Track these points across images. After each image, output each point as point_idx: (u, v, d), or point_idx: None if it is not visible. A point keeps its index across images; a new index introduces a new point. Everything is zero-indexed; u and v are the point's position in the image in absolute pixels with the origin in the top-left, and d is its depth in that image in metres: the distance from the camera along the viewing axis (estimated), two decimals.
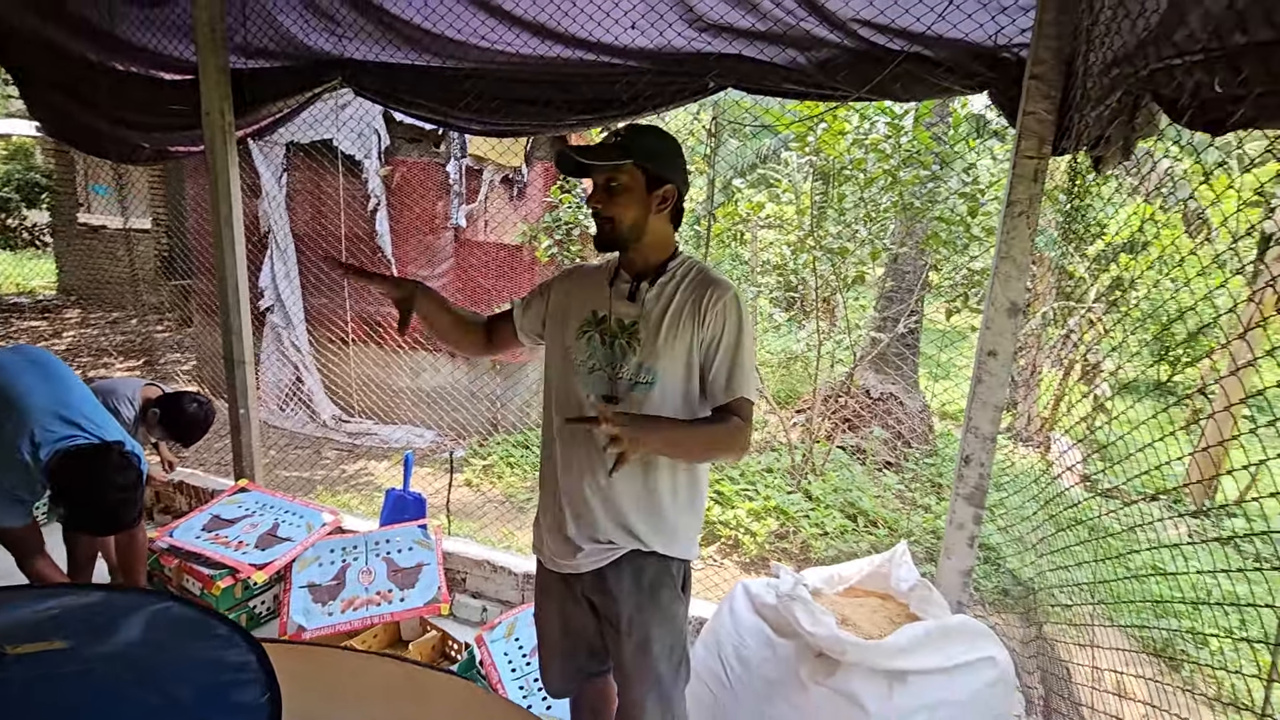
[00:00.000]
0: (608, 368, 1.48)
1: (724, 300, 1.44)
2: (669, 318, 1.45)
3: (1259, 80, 0.90)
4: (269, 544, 2.83)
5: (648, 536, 1.49)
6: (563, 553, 1.54)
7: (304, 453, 5.28)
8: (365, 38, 2.62)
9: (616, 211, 1.44)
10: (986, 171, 4.49)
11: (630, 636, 1.49)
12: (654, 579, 1.50)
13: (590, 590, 1.54)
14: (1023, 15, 1.86)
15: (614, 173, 1.42)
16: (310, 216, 5.83)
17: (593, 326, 1.51)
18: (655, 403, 1.44)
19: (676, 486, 1.50)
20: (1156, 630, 3.35)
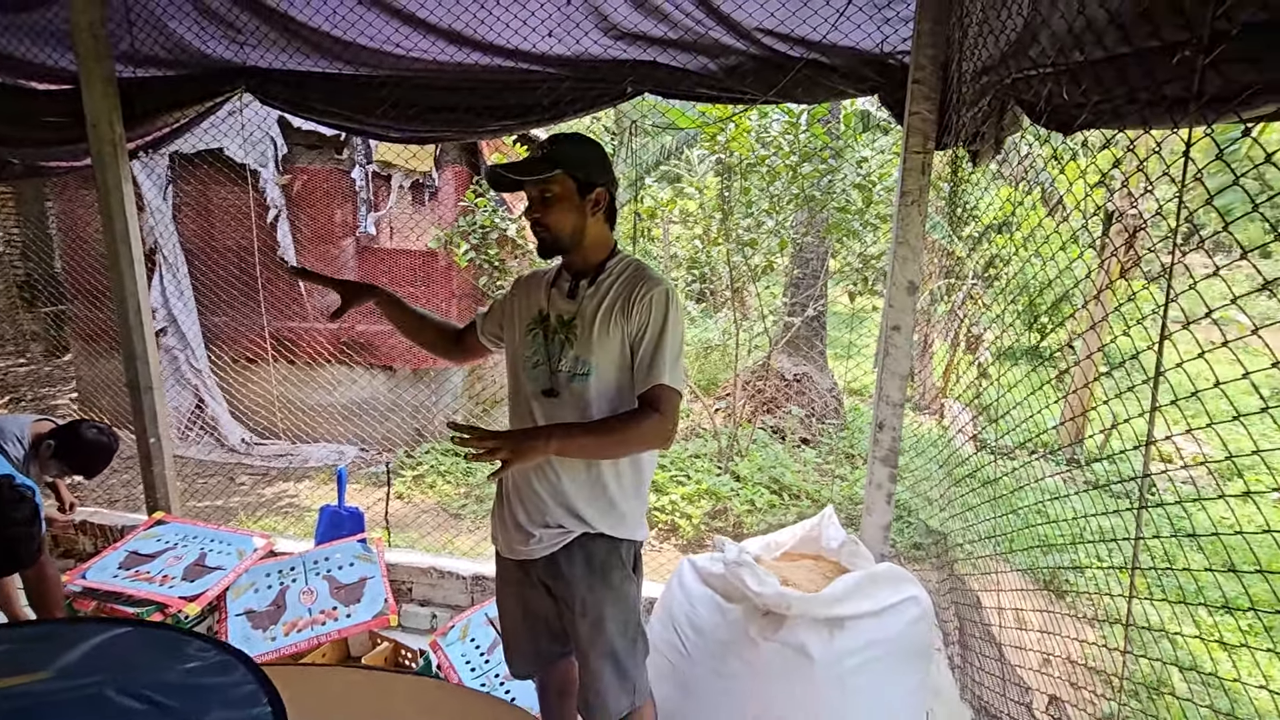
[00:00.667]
0: (548, 362, 1.56)
1: (652, 294, 1.51)
2: (602, 313, 1.53)
3: (1094, 90, 1.11)
4: (198, 574, 2.71)
5: (595, 520, 1.56)
6: (518, 540, 1.61)
7: (215, 481, 4.99)
8: (270, 45, 2.55)
9: (553, 220, 1.51)
10: (876, 164, 4.87)
11: (585, 616, 1.57)
12: (604, 561, 1.58)
13: (545, 575, 1.62)
14: (904, 26, 2.09)
15: (546, 184, 1.49)
16: (202, 230, 5.49)
17: (538, 324, 1.61)
18: (592, 393, 1.52)
19: (620, 473, 1.58)
20: (1044, 566, 3.78)
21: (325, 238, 5.59)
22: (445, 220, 5.60)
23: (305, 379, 5.65)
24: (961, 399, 6.06)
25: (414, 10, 2.35)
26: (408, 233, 5.63)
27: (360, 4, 2.37)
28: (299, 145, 5.41)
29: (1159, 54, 0.95)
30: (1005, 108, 1.55)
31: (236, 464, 5.31)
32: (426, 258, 5.63)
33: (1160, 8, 0.92)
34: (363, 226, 5.55)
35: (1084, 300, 4.57)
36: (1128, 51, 1.02)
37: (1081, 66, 1.14)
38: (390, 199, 5.56)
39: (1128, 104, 1.03)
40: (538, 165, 1.48)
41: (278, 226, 5.44)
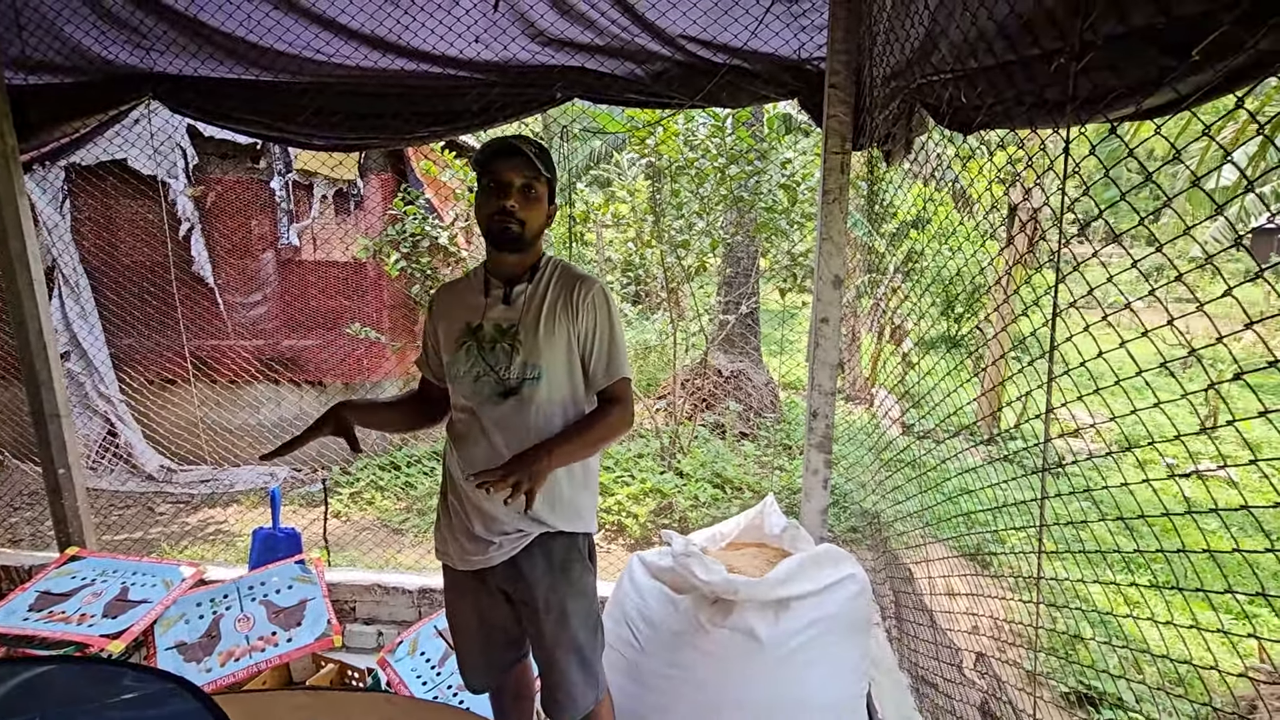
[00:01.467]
0: (493, 372, 1.54)
1: (592, 293, 1.56)
2: (545, 315, 1.54)
3: (988, 94, 1.22)
4: (120, 610, 2.55)
5: (552, 519, 1.58)
6: (474, 550, 1.59)
7: (132, 512, 4.69)
8: (179, 50, 2.44)
9: (530, 215, 1.51)
10: (799, 165, 5.06)
11: (549, 614, 1.57)
12: (564, 556, 1.60)
13: (504, 580, 1.61)
14: (819, 34, 2.21)
15: (537, 179, 1.51)
16: (106, 246, 5.15)
17: (468, 337, 1.58)
18: (544, 394, 1.54)
19: (572, 470, 1.60)
20: (968, 538, 4.03)
21: (244, 251, 5.36)
22: (373, 229, 5.45)
23: (229, 399, 5.39)
24: (887, 386, 6.36)
25: (334, 16, 2.31)
26: (334, 243, 5.46)
27: (276, 9, 2.31)
28: (211, 155, 5.16)
29: (1040, 61, 1.06)
30: (913, 110, 1.67)
31: (155, 493, 5.01)
32: (354, 269, 5.47)
33: (1038, 20, 1.03)
34: (284, 238, 5.35)
35: (988, 287, 4.90)
36: (1014, 59, 1.13)
37: (977, 72, 1.25)
38: (313, 209, 5.37)
39: (1016, 106, 1.14)
40: (537, 159, 1.49)
41: (192, 240, 5.17)
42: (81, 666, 1.25)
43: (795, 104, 2.44)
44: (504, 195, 1.49)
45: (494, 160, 1.50)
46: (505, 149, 1.48)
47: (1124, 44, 0.87)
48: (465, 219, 5.80)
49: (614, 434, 1.59)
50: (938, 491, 2.86)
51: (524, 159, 1.47)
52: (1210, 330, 0.98)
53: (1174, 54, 0.78)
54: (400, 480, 5.07)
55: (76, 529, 2.91)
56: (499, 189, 1.50)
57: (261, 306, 5.43)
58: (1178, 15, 0.79)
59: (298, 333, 5.47)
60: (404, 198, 5.38)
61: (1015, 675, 2.70)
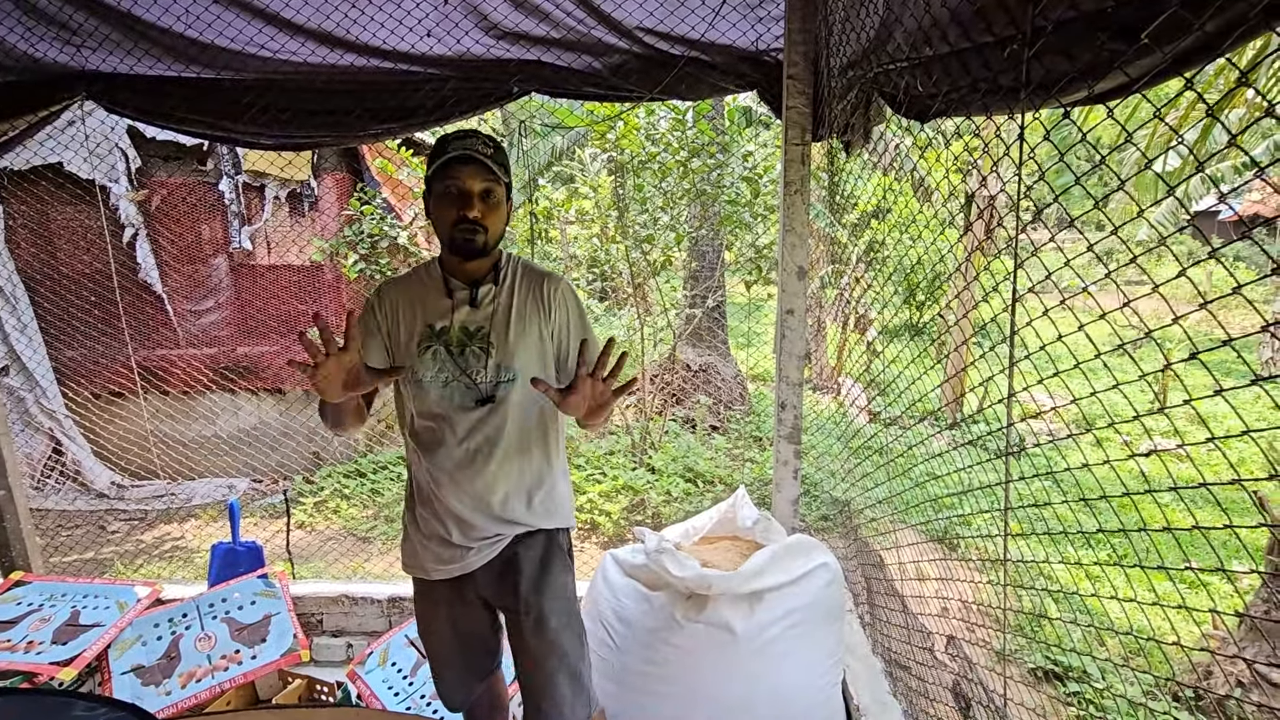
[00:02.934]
0: (464, 376, 1.48)
1: (560, 289, 1.54)
2: (515, 315, 1.50)
3: (944, 82, 1.22)
4: (71, 635, 2.44)
5: (529, 518, 1.55)
6: (450, 558, 1.54)
7: (82, 532, 4.49)
8: (114, 48, 2.32)
9: (492, 221, 1.45)
10: (761, 158, 5.08)
11: (528, 615, 1.53)
12: (544, 553, 1.57)
13: (483, 586, 1.57)
14: (776, 24, 2.20)
15: (495, 184, 1.44)
16: (43, 255, 4.92)
17: (433, 339, 1.50)
18: (518, 396, 1.49)
19: (549, 457, 1.57)
20: (936, 522, 4.11)
21: (193, 256, 5.16)
22: (328, 231, 5.31)
23: (182, 410, 5.20)
24: (854, 375, 6.45)
25: (278, 10, 2.22)
26: (288, 246, 5.30)
27: (216, 3, 2.21)
28: (154, 157, 4.96)
29: (993, 48, 1.06)
30: (870, 100, 1.68)
31: (107, 510, 4.81)
32: (311, 272, 5.33)
33: (990, 6, 1.03)
34: (235, 242, 5.17)
35: (949, 274, 5.00)
36: (968, 46, 1.13)
37: (932, 60, 1.25)
38: (265, 211, 5.21)
39: (971, 93, 1.15)
40: (493, 164, 1.42)
41: (136, 246, 4.97)
42: (28, 697, 1.19)
43: (755, 96, 2.44)
44: (465, 204, 1.42)
45: (449, 165, 1.42)
46: (463, 156, 1.40)
47: (1075, 28, 0.88)
48: (425, 218, 5.69)
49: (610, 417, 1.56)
50: (905, 477, 2.91)
51: (481, 164, 1.41)
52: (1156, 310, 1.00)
53: (1124, 38, 0.79)
54: (366, 488, 4.96)
55: (20, 552, 2.77)
56: (460, 197, 1.42)
57: (214, 313, 5.25)
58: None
59: (253, 339, 5.30)
60: (360, 197, 5.25)
61: (985, 655, 2.76)
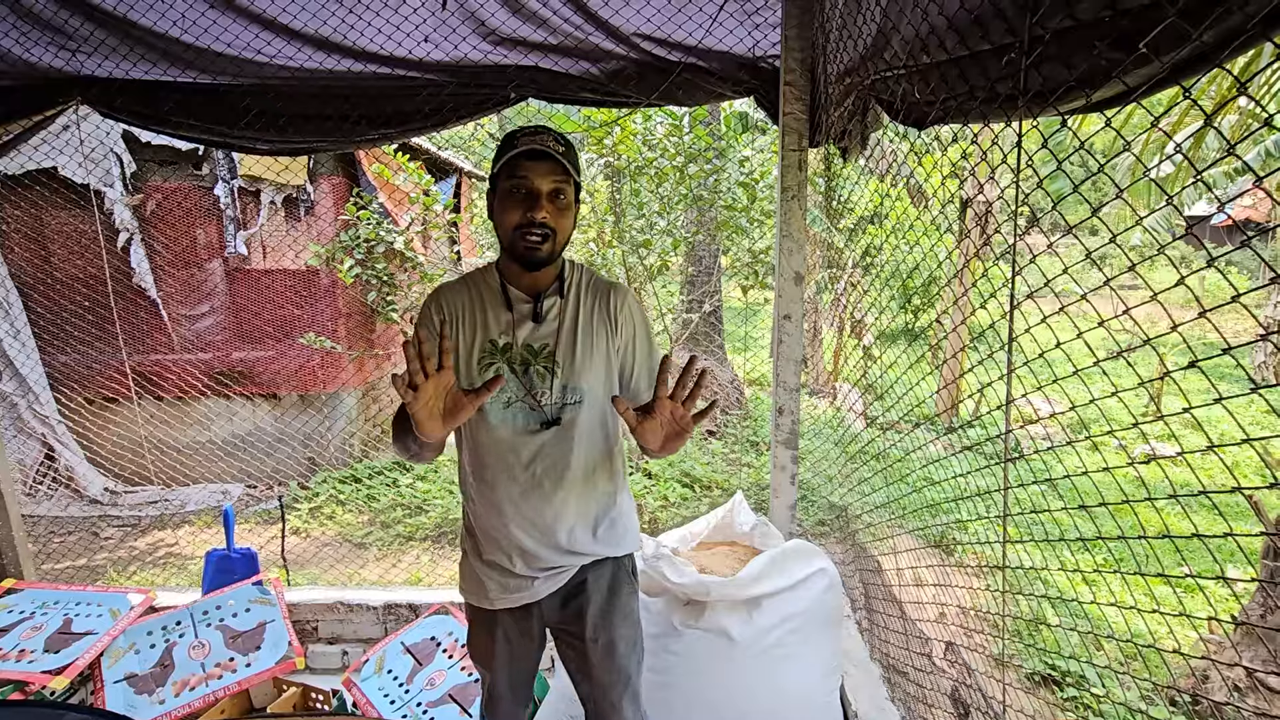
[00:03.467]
0: (528, 397, 1.37)
1: (628, 302, 1.42)
2: (581, 332, 1.38)
3: (941, 89, 1.23)
4: (63, 643, 2.42)
5: (595, 548, 1.45)
6: (516, 587, 1.44)
7: (75, 538, 4.46)
8: (109, 53, 2.32)
9: (562, 224, 1.31)
10: (758, 163, 5.10)
11: (596, 641, 1.46)
12: (612, 580, 1.49)
13: (548, 612, 1.49)
14: (773, 31, 2.21)
15: (565, 184, 1.30)
16: (37, 259, 4.90)
17: (496, 356, 1.38)
18: (585, 419, 1.38)
19: (616, 479, 1.46)
20: (933, 527, 4.11)
21: (188, 261, 5.15)
22: (324, 236, 5.30)
23: (176, 416, 5.17)
24: (850, 380, 6.46)
25: (275, 15, 2.21)
26: (284, 251, 5.29)
27: (213, 8, 2.21)
28: (150, 161, 4.95)
29: (990, 56, 1.07)
30: (867, 107, 1.68)
31: (100, 517, 4.78)
32: (307, 276, 5.31)
33: (988, 15, 1.04)
34: (231, 247, 5.16)
35: (946, 280, 5.02)
36: (965, 54, 1.14)
37: (929, 68, 1.26)
38: (261, 215, 5.20)
39: (969, 100, 1.15)
40: (566, 164, 1.28)
41: (131, 251, 4.95)
42: (19, 709, 1.17)
43: (752, 102, 2.44)
44: (533, 206, 1.28)
45: (519, 162, 1.28)
46: (532, 152, 1.26)
47: (1073, 37, 0.88)
48: (421, 223, 5.69)
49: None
50: (903, 483, 2.91)
51: (554, 161, 1.27)
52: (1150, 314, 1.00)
53: (1122, 47, 0.79)
54: (362, 493, 4.94)
55: (12, 560, 2.75)
56: (527, 196, 1.28)
57: (209, 318, 5.23)
58: (1124, 8, 0.80)
59: (249, 344, 5.29)
60: (356, 202, 5.25)
61: (982, 660, 2.76)
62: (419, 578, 3.61)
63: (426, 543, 4.35)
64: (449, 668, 2.40)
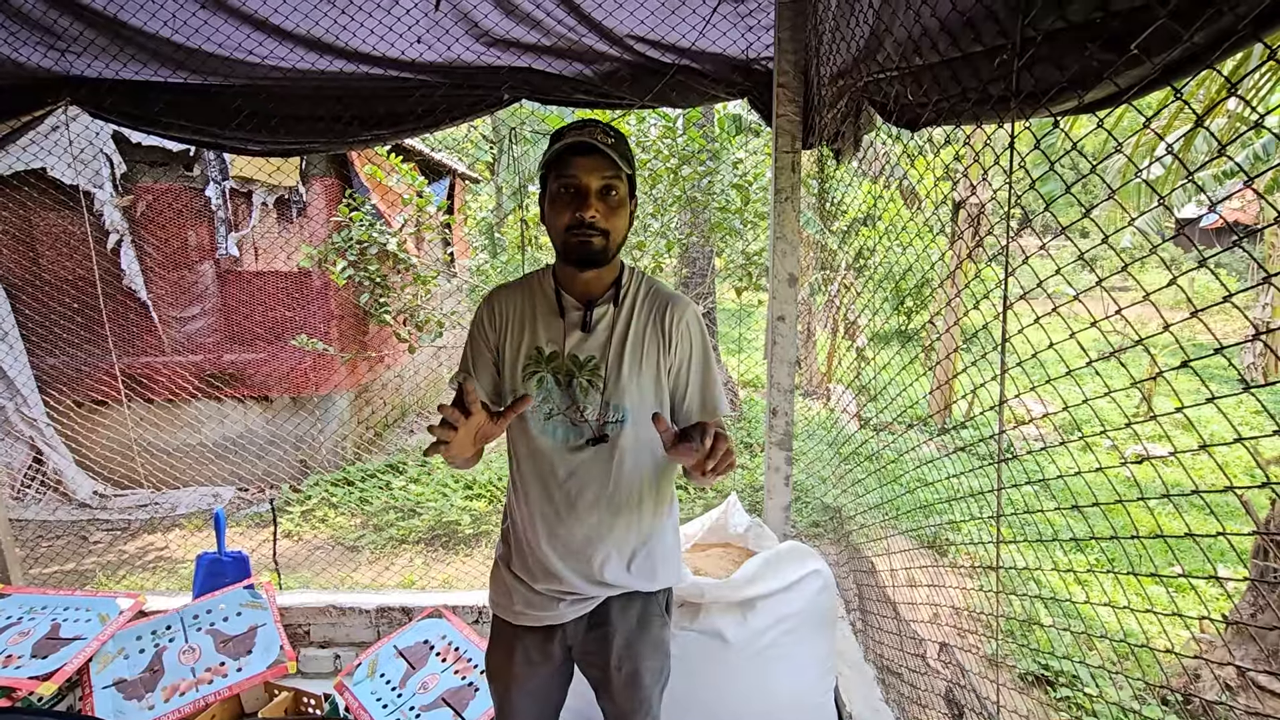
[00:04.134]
0: (570, 411, 1.30)
1: (686, 318, 1.32)
2: (630, 346, 1.30)
3: (934, 91, 1.23)
4: (52, 649, 2.39)
5: (626, 580, 1.37)
6: (541, 605, 1.37)
7: (63, 542, 4.42)
8: (99, 52, 2.30)
9: (615, 224, 1.24)
10: (751, 165, 5.11)
11: (620, 670, 1.39)
12: (642, 613, 1.41)
13: (572, 637, 1.41)
14: (766, 33, 2.21)
15: (616, 179, 1.22)
16: (26, 261, 4.86)
17: (541, 365, 1.31)
18: (628, 440, 1.30)
19: (660, 507, 1.38)
20: (927, 528, 4.12)
21: (178, 262, 5.11)
22: (317, 237, 5.28)
23: (167, 418, 5.13)
24: (844, 381, 6.47)
25: (266, 15, 2.20)
26: (276, 252, 5.26)
27: (204, 9, 2.19)
28: (140, 162, 4.92)
29: (982, 58, 1.07)
30: (860, 108, 1.69)
31: (89, 520, 4.74)
32: (299, 278, 5.29)
33: (980, 16, 1.04)
34: (222, 248, 5.13)
35: (939, 281, 5.05)
36: (958, 55, 1.14)
37: (922, 69, 1.26)
38: (252, 217, 5.17)
39: (961, 102, 1.15)
40: (617, 157, 1.21)
41: (121, 252, 4.91)
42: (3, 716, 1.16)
43: (745, 104, 2.45)
44: (582, 204, 1.21)
45: (563, 158, 1.21)
46: (578, 146, 1.20)
47: (1064, 39, 0.89)
48: (415, 225, 5.67)
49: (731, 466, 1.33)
50: (896, 484, 2.91)
51: (602, 156, 1.19)
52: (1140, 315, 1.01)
53: (1113, 48, 0.80)
54: (354, 496, 4.91)
55: (1, 564, 2.71)
56: (575, 195, 1.22)
57: (200, 320, 5.20)
58: (1115, 10, 0.80)
59: (240, 346, 5.26)
60: (349, 204, 5.23)
61: (976, 660, 2.76)
62: (412, 580, 3.60)
63: (420, 545, 4.33)
64: (442, 671, 2.39)
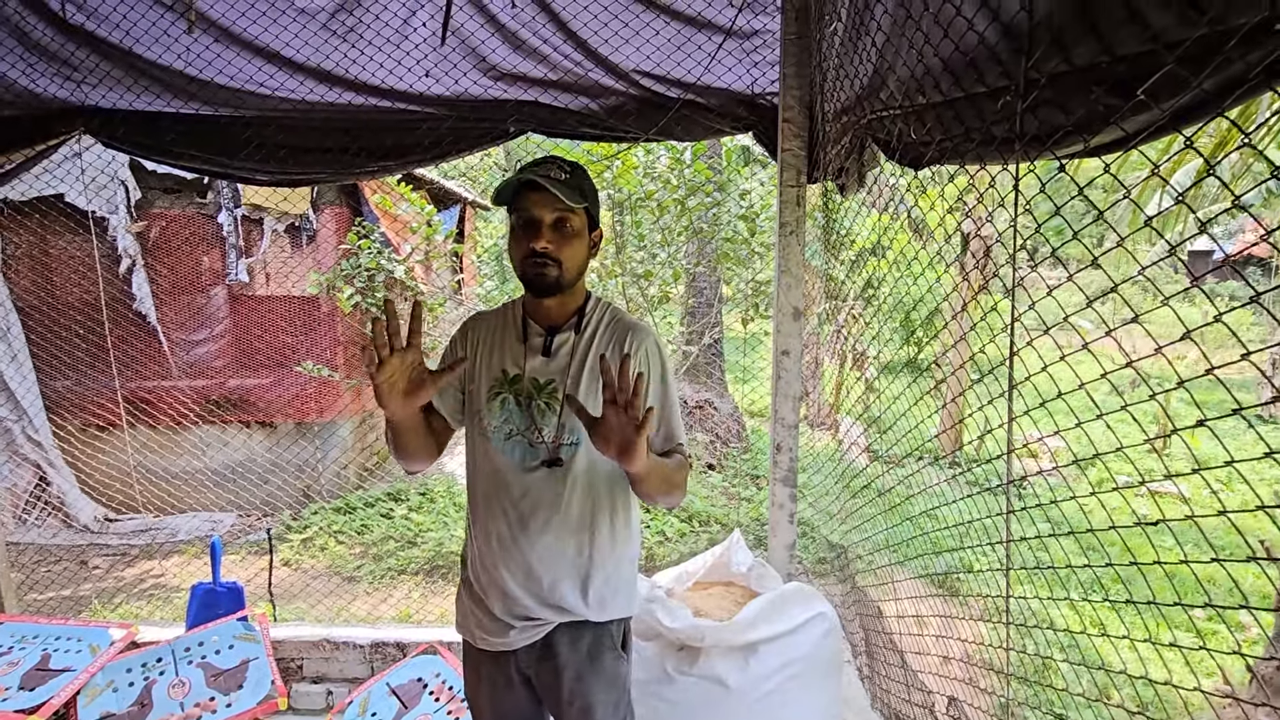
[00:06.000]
0: (529, 432, 1.35)
1: (644, 346, 1.36)
2: (588, 371, 1.35)
3: (937, 130, 1.22)
4: (40, 680, 2.35)
5: (578, 608, 1.38)
6: (493, 630, 1.40)
7: (62, 567, 4.38)
8: (113, 84, 2.34)
9: (568, 254, 1.31)
10: (758, 196, 5.13)
11: (572, 705, 1.40)
12: (592, 644, 1.41)
13: (525, 665, 1.43)
14: (771, 69, 2.23)
15: (569, 212, 1.30)
16: (39, 284, 4.91)
17: (504, 387, 1.38)
18: (581, 464, 1.33)
19: (616, 534, 1.39)
20: (936, 568, 4.01)
21: (190, 287, 5.16)
22: (325, 264, 5.32)
23: (169, 444, 5.13)
24: (852, 414, 6.40)
25: (278, 49, 2.24)
26: (285, 278, 5.30)
27: (217, 42, 2.24)
28: (154, 189, 5.00)
29: (986, 99, 1.06)
30: (864, 145, 1.68)
31: (88, 545, 4.71)
32: (307, 304, 5.32)
33: (983, 58, 1.02)
34: (233, 274, 5.17)
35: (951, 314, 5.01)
36: (961, 95, 1.13)
37: (925, 109, 1.25)
38: (263, 243, 5.22)
39: (965, 142, 1.14)
40: (570, 191, 1.28)
41: (133, 277, 4.97)
42: None
43: (751, 137, 2.45)
44: (535, 236, 1.29)
45: (520, 194, 1.30)
46: (530, 183, 1.28)
47: (1069, 82, 0.87)
48: (423, 254, 5.71)
49: (682, 487, 1.36)
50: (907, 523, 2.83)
51: (551, 194, 1.26)
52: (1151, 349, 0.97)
53: (1119, 93, 0.78)
54: (355, 523, 4.87)
55: None
56: (529, 228, 1.30)
57: (208, 344, 5.23)
58: (1121, 54, 0.78)
59: (246, 371, 5.27)
60: (358, 231, 5.27)
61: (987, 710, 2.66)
62: (409, 614, 3.53)
63: (419, 576, 4.27)
64: (434, 711, 2.32)
